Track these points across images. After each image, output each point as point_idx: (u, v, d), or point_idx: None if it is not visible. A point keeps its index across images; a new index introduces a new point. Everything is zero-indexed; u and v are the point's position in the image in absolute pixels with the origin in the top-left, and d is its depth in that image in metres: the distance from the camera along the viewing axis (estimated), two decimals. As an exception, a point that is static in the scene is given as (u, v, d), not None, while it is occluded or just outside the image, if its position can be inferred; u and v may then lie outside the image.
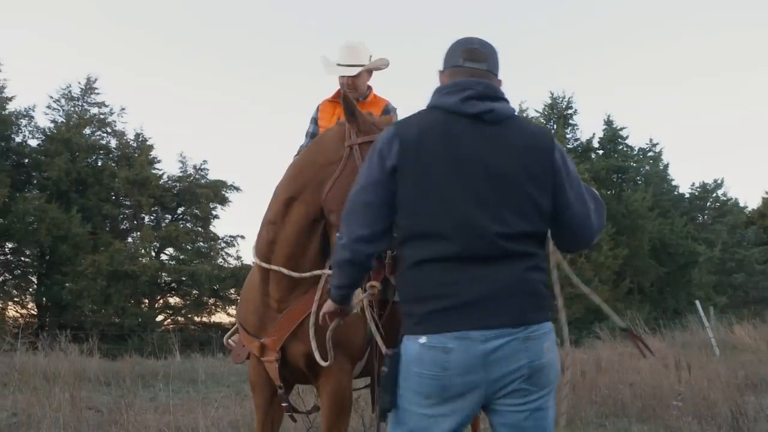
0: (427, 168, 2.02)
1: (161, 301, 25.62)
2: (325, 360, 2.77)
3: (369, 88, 4.03)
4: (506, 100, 2.18)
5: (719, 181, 31.57)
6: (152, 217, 26.42)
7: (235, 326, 3.39)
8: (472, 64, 2.19)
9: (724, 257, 26.67)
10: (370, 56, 3.95)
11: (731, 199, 31.61)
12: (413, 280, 2.03)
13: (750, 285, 26.56)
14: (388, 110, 3.94)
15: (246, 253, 30.95)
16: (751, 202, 38.64)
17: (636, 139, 36.79)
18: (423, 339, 1.96)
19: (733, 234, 27.91)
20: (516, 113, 2.19)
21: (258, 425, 3.18)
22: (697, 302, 14.65)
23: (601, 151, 29.29)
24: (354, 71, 3.86)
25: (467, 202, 1.99)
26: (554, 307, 2.42)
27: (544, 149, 2.16)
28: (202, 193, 25.88)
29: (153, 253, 25.07)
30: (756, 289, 26.09)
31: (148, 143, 26.59)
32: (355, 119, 2.89)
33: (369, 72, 3.97)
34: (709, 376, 7.80)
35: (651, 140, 30.64)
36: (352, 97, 3.67)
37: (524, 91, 74.97)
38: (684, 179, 56.24)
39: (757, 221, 31.92)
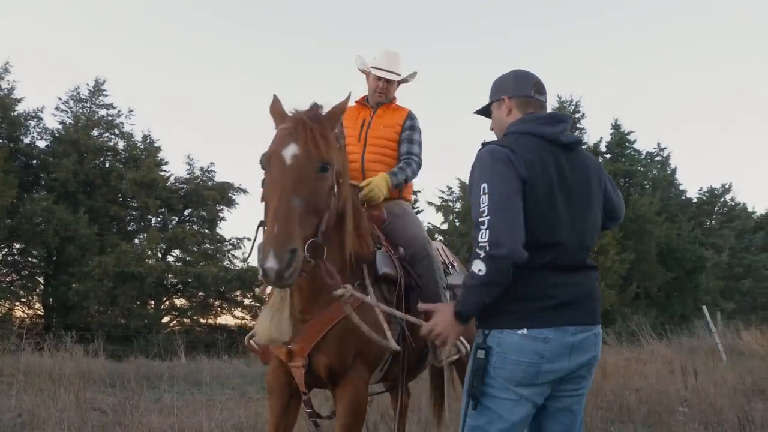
0: (542, 188, 2.34)
1: (167, 302, 25.67)
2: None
3: (394, 96, 4.19)
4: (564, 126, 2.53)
5: (727, 186, 31.47)
6: (159, 219, 26.50)
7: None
8: (540, 97, 2.59)
9: (732, 262, 26.57)
10: (404, 68, 4.15)
11: (739, 204, 31.49)
12: (515, 282, 2.28)
13: (758, 291, 26.43)
14: (411, 117, 4.07)
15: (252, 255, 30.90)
16: (759, 207, 38.49)
17: (644, 144, 36.73)
18: (524, 331, 2.29)
19: (741, 239, 27.80)
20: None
21: (272, 427, 3.19)
22: (704, 308, 14.57)
23: (608, 155, 29.22)
24: (391, 76, 4.03)
25: (566, 220, 2.36)
26: None
27: (599, 166, 2.61)
28: (208, 195, 25.95)
29: (159, 255, 25.15)
30: (764, 294, 25.96)
31: (155, 145, 26.72)
32: None
33: (399, 83, 4.16)
34: (715, 382, 7.76)
35: (659, 144, 30.61)
36: (380, 101, 4.03)
37: (531, 95, 74.58)
38: (692, 184, 56.08)
39: (765, 226, 31.73)
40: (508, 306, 2.32)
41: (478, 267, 2.22)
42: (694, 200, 31.27)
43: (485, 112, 2.77)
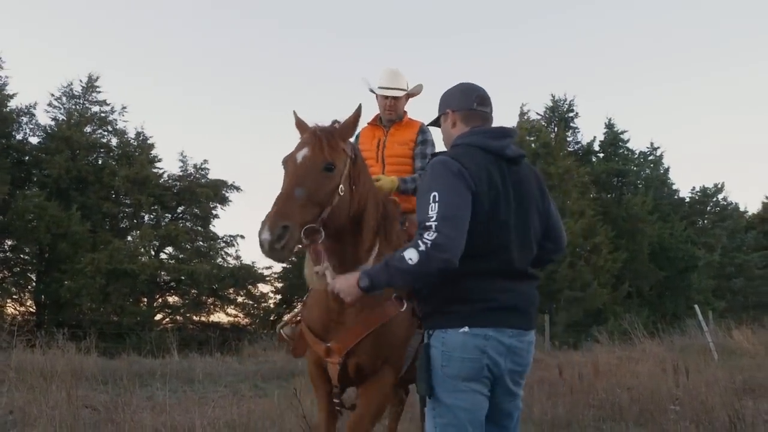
0: (487, 199, 2.48)
1: (160, 299, 25.59)
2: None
3: (404, 111, 4.39)
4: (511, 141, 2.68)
5: (719, 186, 31.58)
6: (152, 216, 26.40)
7: (289, 317, 3.71)
8: (483, 109, 2.73)
9: (724, 262, 26.66)
10: (407, 82, 4.35)
11: (731, 203, 31.61)
12: (459, 286, 2.48)
13: (749, 290, 26.54)
14: (423, 131, 4.26)
15: (245, 252, 30.86)
16: (751, 206, 38.65)
17: (637, 143, 36.81)
18: (466, 329, 2.45)
19: (733, 239, 27.91)
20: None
21: (322, 414, 3.53)
22: (696, 306, 14.63)
23: (601, 155, 29.27)
24: (396, 93, 4.24)
25: (509, 230, 2.51)
26: None
27: (539, 178, 2.74)
28: (202, 193, 25.88)
29: (152, 252, 25.05)
30: (755, 293, 26.07)
31: (148, 142, 26.60)
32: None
33: (407, 97, 4.35)
34: (707, 381, 7.79)
35: (652, 144, 30.67)
36: (390, 118, 4.29)
37: (526, 94, 75.07)
38: (684, 183, 56.24)
39: (757, 226, 31.87)
40: (452, 307, 2.50)
41: (410, 256, 2.36)
42: (687, 200, 31.37)
43: (436, 123, 2.93)
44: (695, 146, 59.48)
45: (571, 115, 29.07)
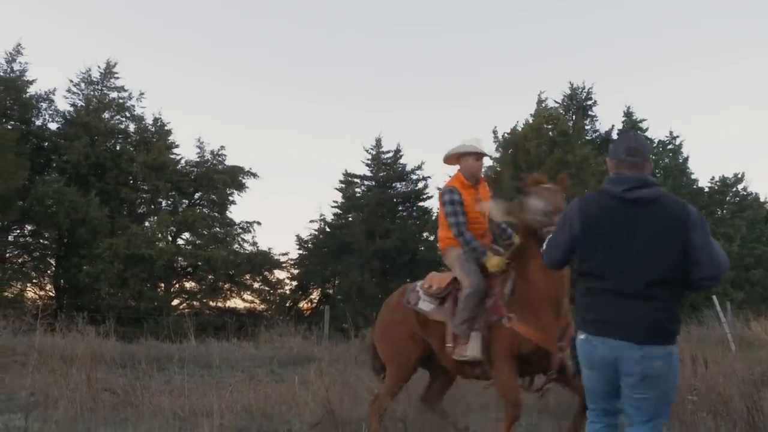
0: (599, 232, 3.18)
1: (177, 285, 25.81)
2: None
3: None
4: (655, 185, 3.26)
5: (739, 176, 31.11)
6: (169, 202, 26.58)
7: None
8: (632, 158, 3.28)
9: (743, 252, 26.36)
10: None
11: (751, 193, 31.15)
12: (582, 300, 3.26)
13: (768, 282, 26.29)
14: (488, 186, 5.38)
15: (262, 239, 30.93)
16: (772, 197, 38.14)
17: (656, 132, 36.42)
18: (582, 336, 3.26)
19: (753, 229, 27.56)
20: (661, 194, 3.24)
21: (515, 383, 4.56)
22: (714, 297, 14.49)
23: (620, 143, 29.03)
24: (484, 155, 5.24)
25: (620, 257, 3.09)
26: None
27: (679, 217, 3.15)
28: (219, 179, 25.99)
29: (170, 238, 25.25)
30: (775, 286, 25.83)
31: (166, 128, 26.73)
32: None
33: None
34: (724, 372, 7.73)
35: (671, 133, 30.27)
36: (478, 177, 5.25)
37: (544, 81, 74.49)
38: (704, 173, 55.57)
39: (776, 217, 31.48)
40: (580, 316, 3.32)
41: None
42: (706, 189, 30.97)
43: None
44: (715, 135, 58.77)
45: (589, 103, 28.78)
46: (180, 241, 25.77)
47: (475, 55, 58.22)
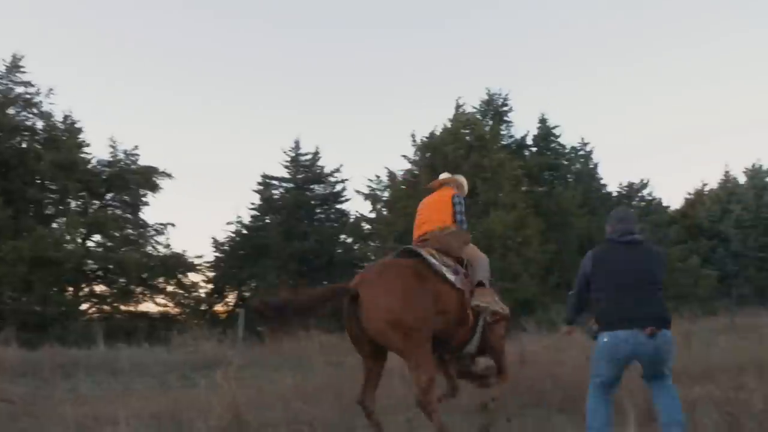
0: (605, 266, 4.76)
1: (86, 289, 24.80)
2: None
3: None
4: (637, 233, 4.89)
5: (645, 182, 32.60)
6: (79, 203, 25.48)
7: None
8: (622, 225, 4.90)
9: (648, 254, 27.58)
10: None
11: (655, 199, 32.68)
12: (603, 311, 4.67)
13: (670, 281, 27.51)
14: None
15: (176, 241, 30.20)
16: (674, 202, 40.08)
17: (568, 138, 37.63)
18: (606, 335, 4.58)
19: (657, 232, 28.84)
20: (643, 240, 4.93)
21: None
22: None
23: (534, 149, 29.82)
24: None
25: (623, 283, 4.61)
26: None
27: (657, 259, 4.84)
28: (132, 179, 25.16)
29: (79, 240, 24.25)
30: (675, 285, 27.04)
31: (76, 126, 25.66)
32: None
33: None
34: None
35: (582, 139, 31.38)
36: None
37: (462, 87, 75.78)
38: (612, 178, 57.84)
39: (678, 221, 33.07)
40: (598, 319, 4.74)
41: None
42: (614, 194, 32.26)
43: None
44: (624, 143, 61.26)
45: (505, 109, 29.49)
46: (90, 243, 24.77)
47: (395, 60, 58.76)
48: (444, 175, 6.70)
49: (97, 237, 24.88)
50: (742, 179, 34.66)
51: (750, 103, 65.91)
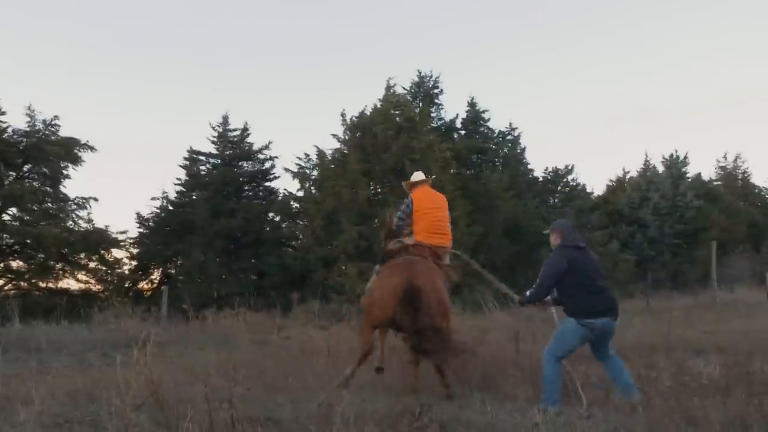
0: (576, 267, 5.95)
1: (2, 264, 23.81)
2: None
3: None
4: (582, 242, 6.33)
5: (570, 168, 33.51)
6: (-7, 174, 24.36)
7: None
8: (575, 235, 6.35)
9: (571, 238, 28.38)
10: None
11: (579, 184, 33.66)
12: (579, 302, 5.88)
13: (591, 264, 28.51)
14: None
15: (98, 216, 29.40)
16: (597, 188, 41.43)
17: (496, 123, 38.27)
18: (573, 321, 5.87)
19: (580, 217, 29.73)
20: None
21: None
22: (543, 279, 15.43)
23: (463, 132, 30.18)
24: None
25: (589, 277, 5.96)
26: None
27: (593, 254, 6.38)
28: (51, 151, 24.15)
29: (-7, 213, 23.23)
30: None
31: (-9, 93, 24.46)
32: None
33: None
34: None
35: (510, 124, 31.99)
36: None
37: (393, 68, 75.82)
38: (538, 163, 59.28)
39: (600, 207, 34.20)
40: (574, 308, 5.93)
41: (529, 291, 6.38)
42: (540, 179, 33.05)
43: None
44: (550, 129, 62.77)
45: (436, 91, 29.71)
46: (6, 217, 23.76)
47: (327, 37, 58.27)
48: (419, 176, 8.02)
49: (13, 210, 23.85)
50: (660, 168, 36.08)
51: (672, 93, 68.52)
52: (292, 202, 26.59)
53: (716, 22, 72.04)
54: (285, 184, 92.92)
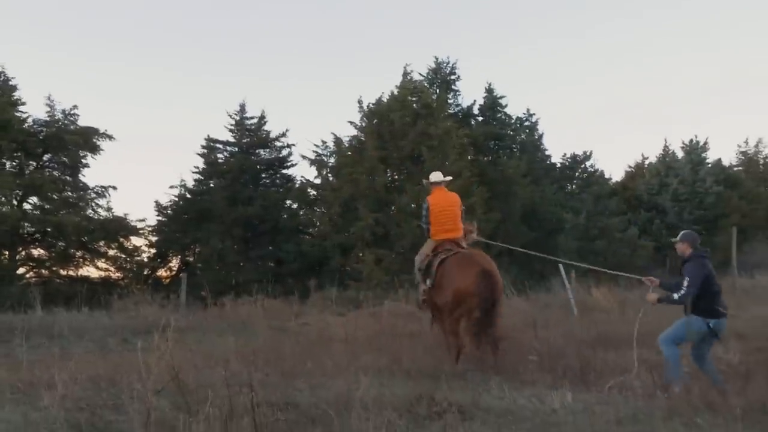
0: (710, 274, 6.51)
1: (23, 252, 24.10)
2: None
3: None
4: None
5: (588, 154, 33.23)
6: (14, 163, 24.59)
7: None
8: (699, 244, 6.93)
9: (588, 224, 28.19)
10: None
11: (597, 170, 33.38)
12: (706, 302, 6.39)
13: (609, 251, 28.30)
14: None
15: (117, 204, 29.54)
16: (615, 174, 41.07)
17: (514, 109, 37.99)
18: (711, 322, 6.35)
19: (598, 203, 29.50)
20: None
21: None
22: (561, 266, 15.40)
23: (480, 118, 30.00)
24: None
25: (715, 281, 6.57)
26: None
27: None
28: (71, 140, 24.34)
29: (14, 202, 23.47)
30: (614, 255, 27.80)
31: (10, 83, 24.63)
32: None
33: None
34: (564, 334, 8.31)
35: (528, 110, 31.72)
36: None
37: (411, 54, 75.45)
38: (556, 150, 58.90)
39: (619, 193, 33.90)
40: (702, 308, 6.33)
41: (678, 294, 6.38)
42: (558, 165, 32.82)
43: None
44: (568, 115, 62.30)
45: (453, 77, 29.54)
46: (27, 206, 24.01)
47: (344, 25, 58.12)
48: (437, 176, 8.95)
49: (33, 199, 24.12)
50: (680, 154, 35.68)
51: (693, 78, 67.68)
52: (309, 190, 26.62)
53: (738, 4, 71.00)
54: (302, 171, 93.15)
